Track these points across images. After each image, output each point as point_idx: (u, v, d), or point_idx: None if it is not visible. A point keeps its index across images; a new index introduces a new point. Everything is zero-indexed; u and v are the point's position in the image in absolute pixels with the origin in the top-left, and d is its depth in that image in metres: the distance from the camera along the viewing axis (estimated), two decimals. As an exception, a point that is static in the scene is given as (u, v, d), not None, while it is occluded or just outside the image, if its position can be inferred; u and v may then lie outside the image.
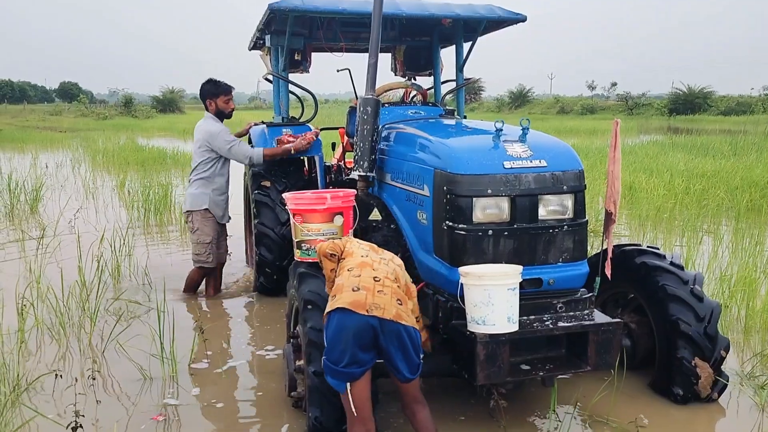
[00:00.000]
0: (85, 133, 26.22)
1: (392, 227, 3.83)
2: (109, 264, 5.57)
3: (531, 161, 2.95)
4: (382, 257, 2.82)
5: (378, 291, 2.56)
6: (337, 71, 5.18)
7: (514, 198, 2.90)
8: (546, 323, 2.90)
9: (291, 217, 3.51)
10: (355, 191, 3.64)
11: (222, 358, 4.07)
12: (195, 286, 5.36)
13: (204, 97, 5.12)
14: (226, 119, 5.22)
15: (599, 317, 3.00)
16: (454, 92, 5.26)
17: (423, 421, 2.69)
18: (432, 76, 5.57)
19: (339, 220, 3.45)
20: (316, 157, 5.10)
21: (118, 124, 33.26)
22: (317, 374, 2.70)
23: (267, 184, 4.98)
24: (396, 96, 5.57)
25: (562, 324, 2.90)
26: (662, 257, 3.47)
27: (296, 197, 3.54)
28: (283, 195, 3.74)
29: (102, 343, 4.15)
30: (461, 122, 4.20)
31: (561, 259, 3.00)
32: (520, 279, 2.72)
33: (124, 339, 4.11)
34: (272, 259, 4.89)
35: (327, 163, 5.39)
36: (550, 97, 68.72)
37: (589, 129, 25.53)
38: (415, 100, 5.07)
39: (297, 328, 3.25)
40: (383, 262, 2.77)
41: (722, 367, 3.34)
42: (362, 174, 3.60)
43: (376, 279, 2.61)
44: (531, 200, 2.93)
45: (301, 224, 3.44)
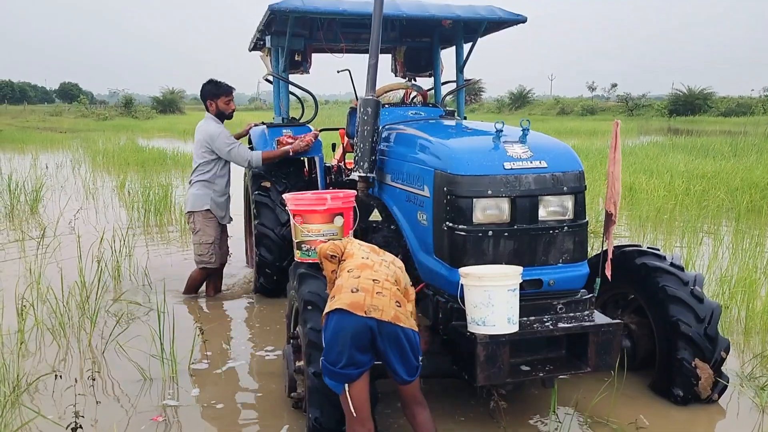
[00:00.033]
0: (85, 133, 26.23)
1: (392, 228, 3.83)
2: (109, 265, 5.57)
3: (531, 162, 2.95)
4: (383, 259, 2.82)
5: (377, 293, 2.56)
6: (338, 72, 5.18)
7: (514, 199, 2.91)
8: (546, 324, 2.90)
9: (291, 217, 3.51)
10: (355, 192, 3.64)
11: (222, 358, 4.07)
12: (196, 287, 5.36)
13: (205, 98, 5.12)
14: (227, 120, 5.22)
15: (599, 318, 3.00)
16: (455, 93, 5.26)
17: (423, 423, 2.69)
18: (432, 77, 5.57)
19: (339, 220, 3.45)
20: (316, 158, 5.10)
21: (118, 125, 33.26)
22: (317, 375, 2.69)
23: (267, 184, 4.98)
24: (396, 97, 5.57)
25: (562, 325, 2.90)
26: (662, 258, 3.47)
27: (296, 198, 3.54)
28: (283, 196, 3.74)
29: (102, 343, 4.15)
30: (461, 123, 4.20)
31: (561, 260, 3.00)
32: (520, 280, 2.72)
33: (124, 340, 4.11)
34: (272, 260, 4.89)
35: (327, 164, 5.39)
36: (550, 98, 68.73)
37: (590, 130, 25.55)
38: (416, 101, 5.07)
39: (297, 329, 3.25)
40: (384, 264, 2.77)
41: (722, 368, 3.34)
42: (362, 175, 3.60)
43: (376, 281, 2.61)
44: (531, 201, 2.93)
45: (301, 225, 3.44)
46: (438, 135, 3.44)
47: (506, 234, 2.92)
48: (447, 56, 5.47)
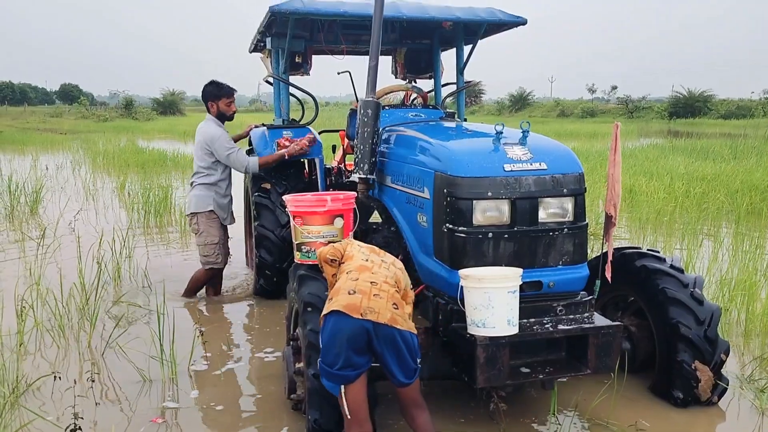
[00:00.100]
0: (85, 135, 26.24)
1: (392, 229, 3.83)
2: (108, 266, 5.57)
3: (531, 164, 2.96)
4: (383, 260, 2.82)
5: (374, 295, 2.55)
6: (338, 74, 5.19)
7: (514, 201, 2.91)
8: (546, 326, 2.90)
9: (291, 219, 3.51)
10: (355, 194, 3.64)
11: (221, 360, 4.07)
12: (197, 289, 5.35)
13: (206, 99, 5.12)
14: (228, 121, 5.22)
15: (599, 320, 3.00)
16: (455, 95, 5.26)
17: (422, 425, 2.69)
18: (432, 79, 5.57)
19: (339, 222, 3.45)
20: (316, 160, 5.11)
21: (118, 126, 33.27)
22: (317, 377, 2.69)
23: (267, 186, 4.98)
24: (396, 99, 5.58)
25: (562, 327, 2.90)
26: (662, 260, 3.47)
27: (296, 199, 3.54)
28: (283, 197, 3.74)
29: (101, 345, 4.15)
30: (461, 125, 4.20)
31: (561, 262, 3.00)
32: (520, 282, 2.72)
33: (124, 341, 4.11)
34: (272, 262, 4.89)
35: (327, 166, 5.39)
36: (550, 100, 68.72)
37: (590, 132, 25.56)
38: (416, 102, 5.07)
39: (297, 331, 3.25)
40: (384, 265, 2.77)
41: (722, 370, 3.33)
42: (362, 176, 3.60)
43: (374, 283, 2.61)
44: (531, 203, 2.93)
45: (302, 226, 3.44)
46: (438, 137, 3.44)
47: (506, 236, 2.92)
48: (447, 58, 5.48)
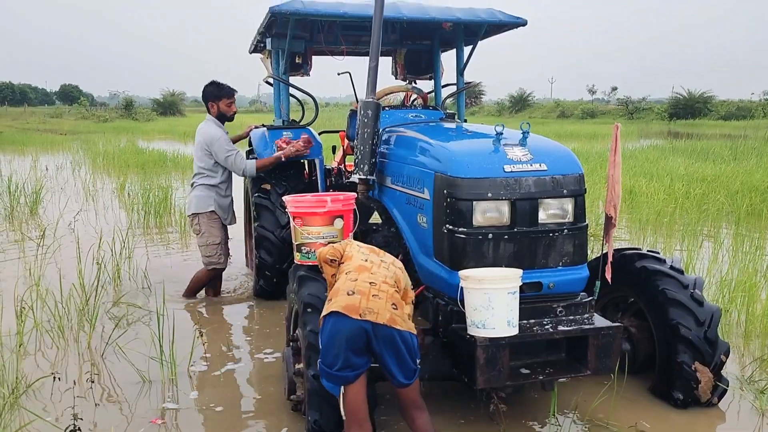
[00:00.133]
0: (85, 135, 26.24)
1: (392, 229, 3.83)
2: (108, 267, 5.56)
3: (531, 165, 2.95)
4: (382, 260, 2.82)
5: (373, 295, 2.55)
6: (338, 74, 5.19)
7: (514, 201, 2.91)
8: (546, 327, 2.90)
9: (291, 220, 3.51)
10: (355, 194, 3.64)
11: (221, 361, 4.06)
12: (199, 289, 5.34)
13: (206, 100, 5.12)
14: (228, 122, 5.22)
15: (599, 321, 3.00)
16: (455, 96, 5.27)
17: (422, 426, 2.68)
18: (432, 80, 5.57)
19: (339, 223, 3.45)
20: (316, 161, 5.11)
21: (118, 127, 33.27)
22: (317, 378, 2.69)
23: (267, 187, 4.98)
24: (396, 99, 5.58)
25: (562, 328, 2.90)
26: (662, 261, 3.47)
27: (296, 200, 3.54)
28: (283, 198, 3.74)
29: (101, 346, 4.15)
30: (461, 126, 4.20)
31: (561, 263, 3.00)
32: (520, 283, 2.72)
33: (124, 342, 4.11)
34: (272, 262, 4.89)
35: (327, 167, 5.39)
36: (550, 101, 68.76)
37: (590, 133, 25.56)
38: (416, 103, 5.07)
39: (296, 332, 3.24)
40: (383, 265, 2.76)
41: (722, 371, 3.33)
42: (362, 177, 3.60)
43: (373, 283, 2.61)
44: (531, 204, 2.93)
45: (301, 227, 3.44)
46: (438, 138, 3.44)
47: (506, 237, 2.92)
48: (447, 59, 5.48)
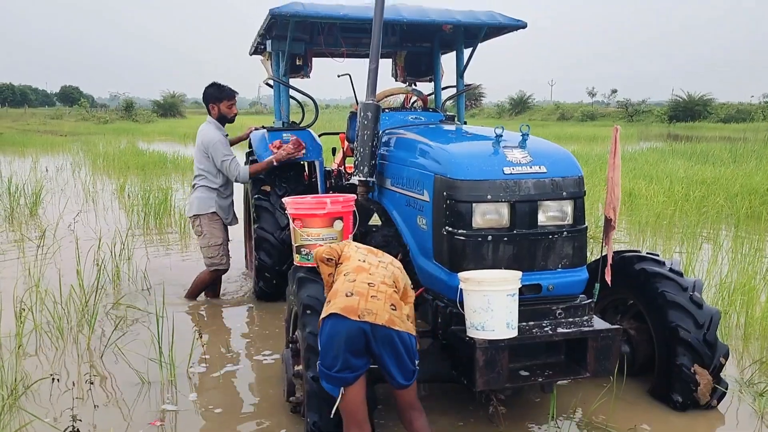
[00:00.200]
0: (85, 137, 26.25)
1: (391, 229, 3.83)
2: (108, 268, 5.56)
3: (531, 167, 2.96)
4: (380, 260, 2.82)
5: (371, 296, 2.55)
6: (338, 76, 5.20)
7: (513, 204, 2.91)
8: (545, 329, 2.90)
9: (291, 221, 3.51)
10: (355, 196, 3.64)
11: (220, 362, 4.06)
12: (201, 291, 5.32)
13: (207, 101, 5.11)
14: (229, 124, 5.22)
15: (598, 323, 3.00)
16: (455, 98, 5.27)
17: (420, 429, 2.68)
18: (432, 82, 5.58)
19: (339, 224, 3.45)
20: (316, 162, 5.11)
21: (118, 128, 33.29)
22: (316, 379, 2.69)
23: (267, 188, 4.98)
24: (396, 101, 5.59)
25: (562, 330, 2.90)
26: (662, 264, 3.47)
27: (296, 202, 3.54)
28: (282, 199, 3.75)
29: (100, 347, 4.15)
30: (461, 128, 4.21)
31: (560, 265, 3.00)
32: (519, 285, 2.72)
33: (123, 343, 4.10)
34: (272, 264, 4.89)
35: (327, 168, 5.40)
36: (550, 103, 68.87)
37: (589, 135, 25.56)
38: (416, 105, 5.08)
39: (296, 333, 3.25)
40: (381, 265, 2.76)
41: (721, 374, 3.33)
42: (362, 179, 3.60)
43: (371, 284, 2.61)
44: (530, 206, 2.93)
45: (301, 229, 3.44)
46: (438, 140, 3.44)
47: (506, 239, 2.92)
48: (447, 61, 5.49)
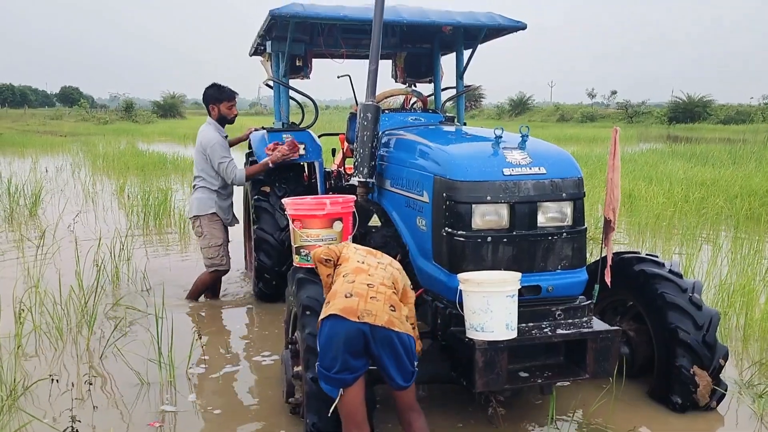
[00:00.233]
0: (85, 137, 26.25)
1: (391, 229, 3.83)
2: (107, 269, 5.56)
3: (530, 168, 2.96)
4: (380, 261, 2.82)
5: (371, 297, 2.55)
6: (338, 77, 5.20)
7: (513, 205, 2.91)
8: (545, 330, 2.90)
9: (290, 222, 3.51)
10: (354, 197, 3.64)
11: (220, 363, 4.06)
12: (202, 292, 5.31)
13: (207, 102, 5.11)
14: (229, 125, 5.22)
15: (598, 325, 3.00)
16: (455, 99, 5.27)
17: (419, 430, 2.67)
18: (432, 83, 5.58)
19: (338, 225, 3.45)
20: (315, 163, 5.11)
21: (118, 129, 33.29)
22: (315, 380, 2.69)
23: (267, 189, 4.98)
24: (396, 103, 5.59)
25: (561, 331, 2.90)
26: (661, 265, 3.47)
27: (295, 203, 3.54)
28: (282, 200, 3.75)
29: (99, 348, 4.14)
30: (461, 129, 4.21)
31: (560, 267, 3.00)
32: (518, 286, 2.72)
33: (122, 344, 4.10)
34: (271, 265, 4.89)
35: (327, 169, 5.40)
36: (550, 104, 68.91)
37: (589, 137, 25.58)
38: (415, 106, 5.08)
39: (295, 334, 3.24)
40: (380, 266, 2.76)
41: (721, 375, 3.33)
42: (362, 180, 3.60)
43: (370, 285, 2.61)
44: (530, 207, 2.93)
45: (300, 230, 3.44)
46: (437, 141, 3.44)
47: (505, 240, 2.92)
48: (447, 62, 5.50)
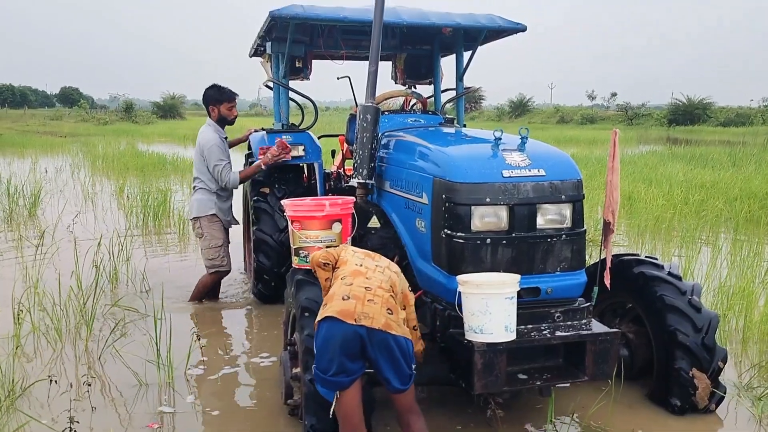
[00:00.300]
0: (85, 138, 26.25)
1: (389, 232, 3.83)
2: (107, 269, 5.55)
3: (530, 170, 2.96)
4: (377, 264, 2.81)
5: (368, 300, 2.55)
6: (338, 79, 5.20)
7: (512, 207, 2.90)
8: (544, 332, 2.89)
9: (289, 223, 3.51)
10: (354, 198, 3.64)
11: (218, 364, 4.06)
12: (204, 294, 5.30)
13: (207, 103, 5.11)
14: (229, 126, 5.22)
15: (597, 327, 3.00)
16: (454, 101, 5.27)
17: (418, 432, 2.67)
18: (432, 85, 5.59)
19: (337, 227, 3.45)
20: (315, 164, 5.11)
21: (118, 130, 33.30)
22: (313, 382, 2.69)
23: (266, 190, 4.98)
24: (396, 104, 5.58)
25: (560, 333, 2.90)
26: (660, 267, 3.47)
27: (295, 204, 3.54)
28: (281, 202, 3.75)
29: (98, 348, 4.14)
30: (461, 131, 4.21)
31: (559, 269, 3.00)
32: (518, 288, 2.72)
33: (121, 345, 4.10)
34: (270, 266, 4.89)
35: (326, 170, 5.39)
36: (550, 106, 68.98)
37: (589, 139, 25.60)
38: (415, 108, 5.08)
39: (294, 336, 3.24)
40: (378, 269, 2.76)
41: (720, 378, 3.33)
42: (361, 181, 3.60)
43: (368, 288, 2.61)
44: (529, 209, 2.93)
45: (300, 231, 3.44)
46: (437, 142, 3.44)
47: (504, 242, 2.92)
48: (447, 64, 5.50)
